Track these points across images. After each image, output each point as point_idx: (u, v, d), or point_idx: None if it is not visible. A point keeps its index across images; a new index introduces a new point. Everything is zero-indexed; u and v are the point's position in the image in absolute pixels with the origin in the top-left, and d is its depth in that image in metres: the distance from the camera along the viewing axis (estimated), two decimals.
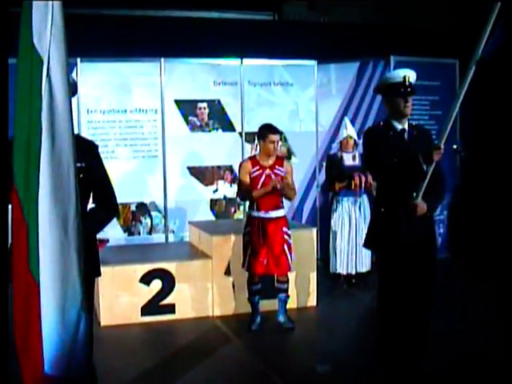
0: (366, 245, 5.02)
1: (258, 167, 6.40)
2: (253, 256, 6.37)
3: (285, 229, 6.46)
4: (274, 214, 6.41)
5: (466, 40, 4.86)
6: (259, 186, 6.36)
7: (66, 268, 2.90)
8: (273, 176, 6.34)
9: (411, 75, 4.70)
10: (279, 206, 6.47)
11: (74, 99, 4.33)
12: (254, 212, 6.44)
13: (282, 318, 6.62)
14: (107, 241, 7.31)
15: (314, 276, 7.33)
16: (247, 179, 6.41)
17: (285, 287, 6.59)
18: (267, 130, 6.41)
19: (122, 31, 9.77)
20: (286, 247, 6.41)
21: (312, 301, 7.35)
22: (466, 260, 8.84)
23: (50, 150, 2.84)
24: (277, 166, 6.43)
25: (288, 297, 6.66)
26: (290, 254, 6.44)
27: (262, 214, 6.39)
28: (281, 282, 6.59)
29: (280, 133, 6.42)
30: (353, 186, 7.72)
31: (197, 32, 10.14)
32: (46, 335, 2.89)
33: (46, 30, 2.85)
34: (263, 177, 6.37)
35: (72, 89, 4.15)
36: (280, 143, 9.30)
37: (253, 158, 6.56)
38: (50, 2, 2.85)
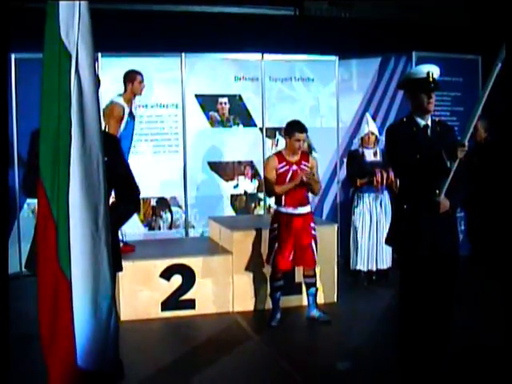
0: (388, 242, 4.99)
1: (284, 163, 6.40)
2: (279, 252, 6.38)
3: (312, 224, 6.49)
4: (301, 210, 6.42)
5: (489, 36, 4.82)
6: (286, 182, 6.37)
7: (98, 262, 2.91)
8: (300, 172, 6.34)
9: (435, 71, 4.66)
10: (306, 202, 6.50)
11: None
12: (281, 208, 6.45)
13: (315, 313, 6.63)
14: (133, 249, 7.31)
15: (334, 272, 7.31)
16: (273, 175, 6.41)
17: (313, 281, 6.61)
18: (294, 127, 6.38)
19: (142, 26, 9.80)
20: (313, 242, 6.44)
21: (332, 297, 7.32)
22: (484, 257, 8.75)
23: (80, 145, 2.84)
24: (303, 162, 6.45)
25: (317, 290, 6.68)
26: (317, 249, 6.46)
27: (290, 210, 6.40)
28: (309, 276, 6.60)
29: (306, 131, 6.38)
30: (374, 183, 7.67)
31: (218, 27, 10.14)
32: (78, 329, 2.90)
33: (74, 26, 2.86)
34: (290, 172, 6.37)
35: (97, 84, 4.19)
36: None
37: (279, 154, 6.54)
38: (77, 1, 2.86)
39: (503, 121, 4.99)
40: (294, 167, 6.39)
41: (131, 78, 7.34)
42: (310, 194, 6.60)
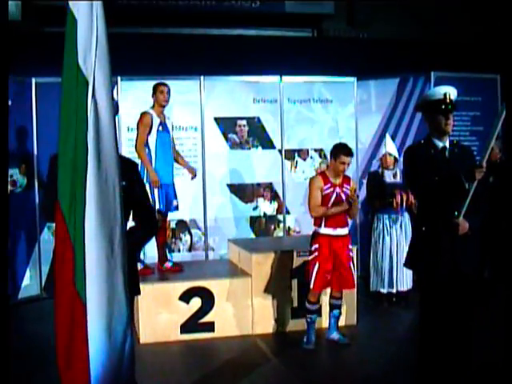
0: (407, 264, 4.97)
1: (329, 185, 6.39)
2: (319, 273, 6.35)
3: (350, 246, 6.50)
4: (341, 231, 6.41)
5: (508, 55, 4.81)
6: (330, 204, 6.36)
7: (113, 287, 2.92)
8: (342, 195, 6.36)
9: (452, 92, 4.66)
10: (345, 224, 6.49)
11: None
12: (321, 229, 6.43)
13: (335, 335, 6.62)
14: (152, 272, 7.33)
15: (354, 294, 7.26)
16: (319, 195, 6.39)
17: (339, 303, 6.61)
18: (341, 150, 6.35)
19: (162, 49, 9.89)
20: (351, 264, 6.44)
21: (352, 319, 7.27)
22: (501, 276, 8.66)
23: (96, 170, 2.86)
24: (345, 185, 6.45)
25: (341, 313, 6.67)
26: (355, 270, 6.48)
27: (330, 232, 6.39)
28: (336, 298, 6.58)
29: (352, 155, 6.38)
30: (394, 204, 7.63)
31: (236, 50, 10.22)
32: (92, 354, 2.90)
33: (91, 52, 2.89)
34: (334, 195, 6.37)
35: (114, 109, 4.22)
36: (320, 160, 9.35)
37: (323, 174, 6.53)
38: (95, 24, 2.88)
39: None
40: (338, 189, 6.39)
41: (155, 89, 7.42)
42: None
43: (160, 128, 7.32)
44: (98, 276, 2.87)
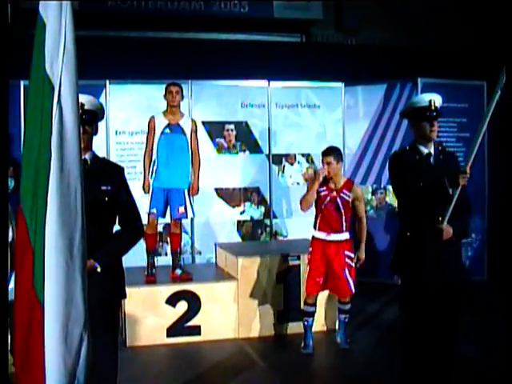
0: (392, 269, 5.00)
1: (325, 187, 6.40)
2: (310, 275, 6.41)
3: (347, 252, 6.40)
4: (335, 236, 6.39)
5: (495, 62, 4.86)
6: (322, 206, 6.38)
7: (71, 289, 2.93)
8: (338, 200, 6.35)
9: (437, 99, 4.70)
10: (341, 230, 6.42)
11: (102, 121, 4.41)
12: (316, 233, 6.47)
13: (339, 339, 6.66)
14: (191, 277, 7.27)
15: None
16: (314, 191, 6.38)
17: (346, 308, 6.60)
18: (323, 152, 6.43)
19: (150, 53, 9.91)
20: (346, 271, 6.36)
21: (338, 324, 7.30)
22: (503, 283, 8.73)
23: (58, 174, 2.88)
24: (344, 190, 6.40)
25: (348, 318, 6.68)
26: (352, 277, 6.39)
27: (323, 236, 6.41)
28: (342, 302, 6.61)
29: (332, 153, 6.36)
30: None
31: (224, 54, 10.24)
32: (48, 355, 2.91)
33: (58, 57, 2.89)
34: (328, 198, 6.37)
35: (100, 112, 4.24)
36: (307, 165, 9.37)
37: (324, 179, 6.49)
38: (63, 29, 2.89)
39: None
40: (334, 194, 6.37)
41: (165, 90, 7.26)
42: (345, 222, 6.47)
43: (167, 130, 7.15)
44: (57, 279, 2.88)
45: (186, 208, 7.25)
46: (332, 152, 6.40)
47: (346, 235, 6.46)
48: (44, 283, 2.88)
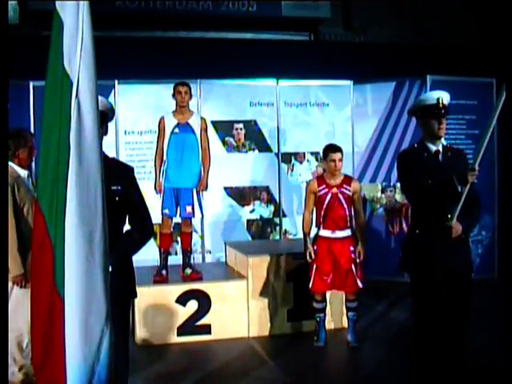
0: (400, 267, 4.99)
1: (324, 186, 6.44)
2: (317, 274, 6.43)
3: (352, 248, 6.46)
4: (340, 233, 6.44)
5: (504, 59, 4.86)
6: (325, 205, 6.41)
7: (91, 285, 2.93)
8: (340, 195, 6.39)
9: (445, 97, 4.70)
10: (346, 226, 6.48)
11: (112, 121, 4.43)
12: (320, 231, 6.51)
13: (349, 337, 6.66)
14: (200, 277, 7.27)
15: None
16: (310, 200, 6.52)
17: (353, 306, 6.63)
18: (328, 149, 6.50)
19: (158, 53, 9.92)
20: (353, 266, 6.42)
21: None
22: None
23: (77, 172, 2.89)
24: (344, 185, 6.45)
25: (357, 316, 6.70)
26: (358, 272, 6.44)
27: (328, 234, 6.45)
28: (349, 300, 6.63)
29: (340, 150, 6.46)
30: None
31: (233, 53, 10.24)
32: (69, 351, 2.92)
33: (76, 55, 2.90)
34: (329, 195, 6.40)
35: (109, 113, 4.25)
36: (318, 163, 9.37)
37: (320, 177, 6.63)
38: (81, 24, 2.90)
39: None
40: (334, 190, 6.41)
41: (173, 90, 7.22)
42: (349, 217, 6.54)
43: (175, 130, 7.14)
44: (77, 274, 2.88)
45: (193, 207, 7.23)
46: (339, 149, 6.49)
47: (349, 231, 6.51)
48: (64, 279, 2.89)
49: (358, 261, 6.44)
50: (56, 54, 2.92)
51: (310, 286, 6.49)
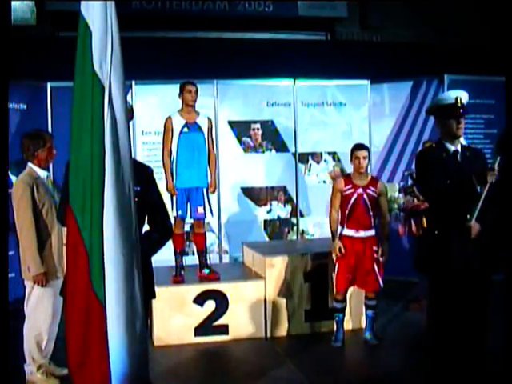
0: (417, 267, 4.98)
1: (350, 185, 6.45)
2: (339, 272, 6.47)
3: (374, 248, 6.46)
4: (363, 233, 6.45)
5: None
6: (349, 205, 6.42)
7: (130, 285, 2.95)
8: (365, 196, 6.40)
9: (463, 96, 4.68)
10: (369, 226, 6.49)
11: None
12: (344, 230, 6.52)
13: (367, 335, 6.68)
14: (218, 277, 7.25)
15: None
16: (336, 199, 6.52)
17: (372, 304, 6.64)
18: (354, 148, 6.49)
19: (175, 54, 9.94)
20: (375, 265, 6.44)
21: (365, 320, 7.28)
22: None
23: (115, 173, 2.90)
24: (370, 187, 6.45)
25: (376, 314, 6.71)
26: (380, 271, 6.46)
27: (352, 233, 6.46)
28: (369, 298, 6.64)
29: (365, 148, 6.47)
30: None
31: (249, 53, 10.24)
32: (113, 352, 2.92)
33: (107, 58, 2.92)
34: (355, 195, 6.41)
35: (129, 114, 4.27)
36: (333, 163, 9.36)
37: (347, 177, 6.63)
38: (110, 29, 2.91)
39: None
40: (360, 190, 6.41)
41: (182, 88, 7.14)
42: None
43: (185, 129, 7.03)
44: (117, 276, 2.90)
45: (205, 208, 7.16)
46: (365, 147, 6.51)
47: (373, 231, 6.52)
48: (104, 281, 2.90)
49: (380, 260, 6.45)
50: (84, 56, 2.93)
51: (334, 285, 6.53)
